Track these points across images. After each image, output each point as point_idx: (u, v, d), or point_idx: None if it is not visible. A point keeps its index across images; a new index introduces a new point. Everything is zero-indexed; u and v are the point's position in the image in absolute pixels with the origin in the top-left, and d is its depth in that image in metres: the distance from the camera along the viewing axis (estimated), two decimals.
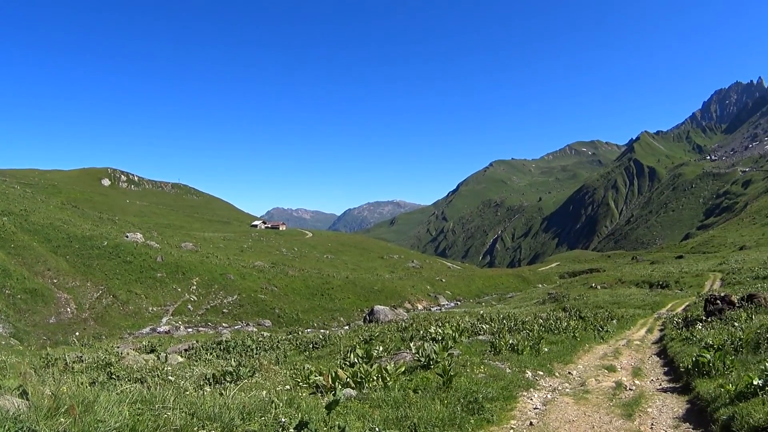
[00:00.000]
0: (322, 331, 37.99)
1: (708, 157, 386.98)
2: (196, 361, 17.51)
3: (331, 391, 7.24)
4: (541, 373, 12.44)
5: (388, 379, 9.08)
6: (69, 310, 54.31)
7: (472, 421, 7.80)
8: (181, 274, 69.36)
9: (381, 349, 14.64)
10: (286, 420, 5.72)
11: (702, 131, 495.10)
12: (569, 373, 13.12)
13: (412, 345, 13.31)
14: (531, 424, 8.26)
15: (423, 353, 11.09)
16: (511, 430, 7.94)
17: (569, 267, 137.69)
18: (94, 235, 74.62)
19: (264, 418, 5.82)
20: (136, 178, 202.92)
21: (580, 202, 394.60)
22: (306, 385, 8.77)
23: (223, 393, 6.82)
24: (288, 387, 8.55)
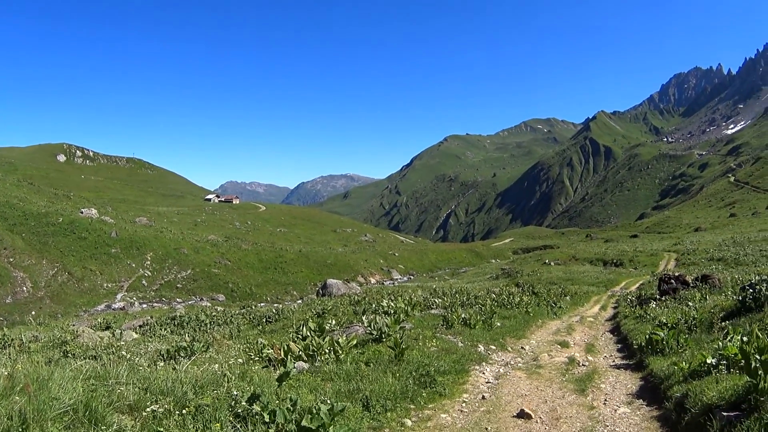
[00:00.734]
0: (275, 305, 37.93)
1: (665, 139, 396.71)
2: (151, 337, 17.44)
3: (283, 365, 7.47)
4: (493, 347, 12.50)
5: (340, 352, 9.08)
6: (25, 289, 53.02)
7: (424, 394, 7.89)
8: (136, 249, 67.91)
9: (334, 322, 14.58)
10: (238, 393, 5.82)
11: (660, 113, 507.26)
12: (522, 348, 13.23)
13: (364, 318, 13.10)
14: (483, 397, 8.32)
15: (375, 326, 11.08)
16: (464, 404, 7.97)
17: (523, 243, 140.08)
18: (50, 212, 72.27)
19: (217, 392, 5.90)
20: (92, 153, 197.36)
21: (534, 178, 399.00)
22: (259, 359, 8.80)
23: (176, 368, 6.89)
24: (241, 361, 8.55)
